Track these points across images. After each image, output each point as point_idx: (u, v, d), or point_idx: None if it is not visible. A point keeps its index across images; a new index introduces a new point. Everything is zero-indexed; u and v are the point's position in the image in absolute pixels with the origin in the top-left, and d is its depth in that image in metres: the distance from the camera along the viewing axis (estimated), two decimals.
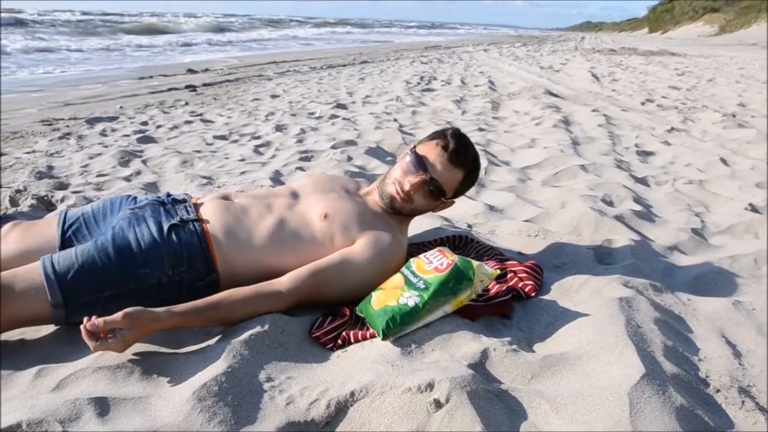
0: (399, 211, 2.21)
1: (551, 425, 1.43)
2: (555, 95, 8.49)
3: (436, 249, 1.97)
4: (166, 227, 2.01)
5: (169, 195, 2.23)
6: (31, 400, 1.51)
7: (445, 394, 1.44)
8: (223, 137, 5.66)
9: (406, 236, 2.27)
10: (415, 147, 2.21)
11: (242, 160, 4.76)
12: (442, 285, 1.81)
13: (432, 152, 2.15)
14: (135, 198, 2.26)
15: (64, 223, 2.17)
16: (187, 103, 8.00)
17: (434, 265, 1.87)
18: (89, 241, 2.02)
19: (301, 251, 2.04)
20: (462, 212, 3.18)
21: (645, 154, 4.95)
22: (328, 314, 1.92)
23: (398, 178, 2.17)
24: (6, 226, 2.18)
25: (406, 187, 2.14)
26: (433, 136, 2.22)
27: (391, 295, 1.84)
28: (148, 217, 2.06)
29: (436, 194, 2.17)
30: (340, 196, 2.22)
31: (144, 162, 4.59)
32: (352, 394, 1.51)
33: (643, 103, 7.87)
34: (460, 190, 2.25)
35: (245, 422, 1.45)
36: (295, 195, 2.22)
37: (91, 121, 6.43)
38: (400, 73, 12.43)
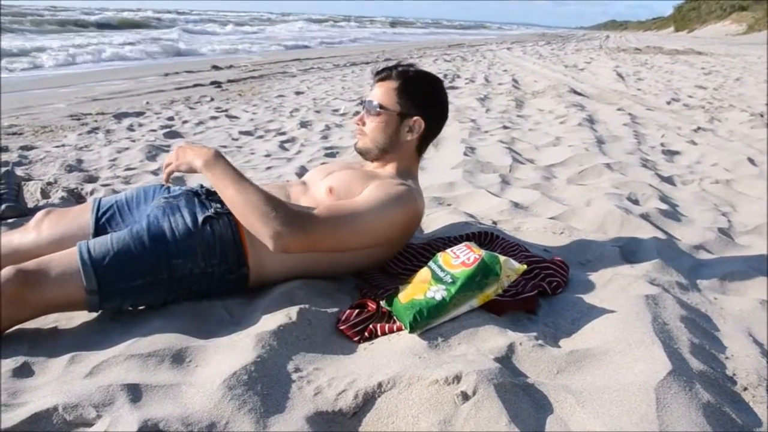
0: (369, 153, 2.30)
1: (577, 419, 1.43)
2: (579, 94, 8.44)
3: (463, 244, 1.98)
4: (200, 218, 2.03)
5: (202, 186, 2.24)
6: (65, 385, 1.54)
7: (472, 387, 1.45)
8: (248, 133, 5.71)
9: (417, 183, 2.33)
10: None
11: (268, 155, 4.81)
12: (469, 279, 1.82)
13: (371, 82, 2.32)
14: (168, 188, 2.28)
15: (98, 210, 2.20)
16: (212, 99, 8.08)
17: (461, 259, 1.88)
18: (123, 228, 2.05)
19: None
20: (487, 209, 3.19)
21: (671, 154, 4.91)
22: (354, 308, 1.94)
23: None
24: (39, 214, 2.22)
25: (360, 123, 2.28)
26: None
27: (418, 289, 1.85)
28: (182, 207, 2.08)
29: (377, 113, 2.24)
30: (341, 169, 2.27)
31: None
32: (380, 385, 1.53)
33: (668, 103, 7.80)
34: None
35: (274, 411, 1.48)
36: (305, 184, 2.27)
37: (119, 116, 6.51)
38: None
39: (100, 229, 2.16)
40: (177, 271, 1.95)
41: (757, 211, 3.31)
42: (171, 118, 6.50)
